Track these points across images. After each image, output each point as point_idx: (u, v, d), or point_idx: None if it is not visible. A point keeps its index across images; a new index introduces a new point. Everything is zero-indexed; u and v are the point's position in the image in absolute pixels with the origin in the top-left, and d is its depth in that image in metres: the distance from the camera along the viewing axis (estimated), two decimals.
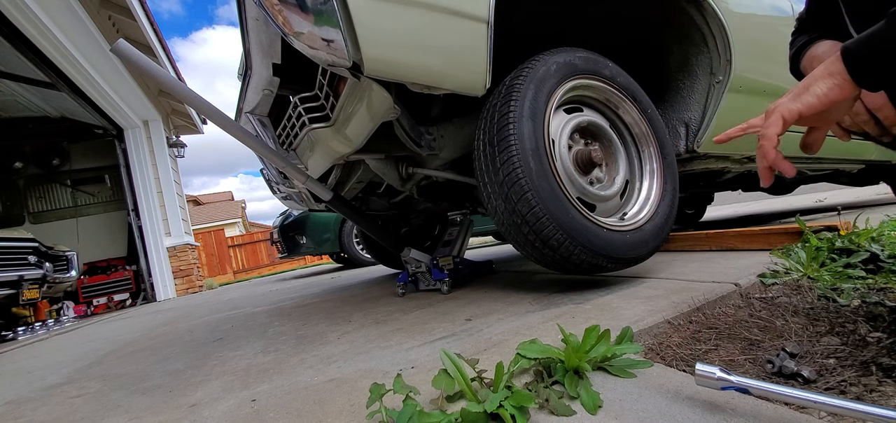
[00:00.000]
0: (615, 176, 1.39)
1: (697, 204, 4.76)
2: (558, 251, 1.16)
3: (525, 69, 1.24)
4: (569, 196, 1.18)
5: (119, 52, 1.12)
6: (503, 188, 1.16)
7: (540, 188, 1.12)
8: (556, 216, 1.13)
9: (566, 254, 1.16)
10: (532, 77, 1.21)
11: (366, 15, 0.93)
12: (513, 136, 1.14)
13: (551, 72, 1.25)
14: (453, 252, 1.92)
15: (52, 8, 3.59)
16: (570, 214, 1.15)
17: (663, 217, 1.36)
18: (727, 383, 0.54)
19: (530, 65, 1.25)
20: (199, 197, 25.15)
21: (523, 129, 1.14)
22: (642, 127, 1.44)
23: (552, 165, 1.18)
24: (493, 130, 1.19)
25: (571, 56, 1.32)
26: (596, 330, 0.72)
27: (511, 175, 1.13)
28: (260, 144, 1.45)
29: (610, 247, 1.20)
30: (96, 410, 0.99)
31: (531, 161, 1.13)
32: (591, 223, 1.19)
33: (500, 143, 1.16)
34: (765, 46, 1.71)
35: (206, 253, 12.40)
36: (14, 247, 3.97)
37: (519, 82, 1.20)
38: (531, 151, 1.14)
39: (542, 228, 1.13)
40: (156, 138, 6.16)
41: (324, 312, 1.83)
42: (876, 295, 0.89)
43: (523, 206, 1.13)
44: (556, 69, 1.26)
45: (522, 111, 1.16)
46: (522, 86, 1.19)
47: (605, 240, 1.20)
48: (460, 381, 0.64)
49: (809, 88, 0.61)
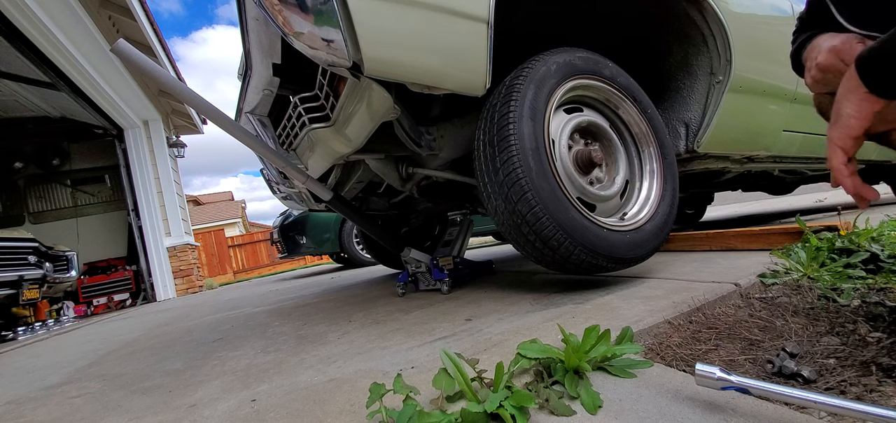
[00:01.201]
0: (615, 176, 1.39)
1: (697, 204, 4.76)
2: (558, 251, 1.16)
3: (525, 69, 1.23)
4: (569, 196, 1.18)
5: (119, 52, 1.12)
6: (503, 188, 1.16)
7: (540, 188, 1.12)
8: (556, 216, 1.13)
9: (566, 254, 1.16)
10: (532, 77, 1.21)
11: (366, 15, 0.93)
12: (513, 136, 1.13)
13: (551, 72, 1.25)
14: (453, 252, 1.92)
15: (52, 8, 3.59)
16: (570, 214, 1.15)
17: (663, 217, 1.36)
18: (727, 383, 0.54)
19: (530, 65, 1.25)
20: (199, 197, 25.15)
21: (523, 129, 1.14)
22: (642, 127, 1.43)
23: (552, 165, 1.17)
24: (492, 130, 1.18)
25: (571, 56, 1.32)
26: (596, 330, 0.72)
27: (511, 175, 1.13)
28: (260, 144, 1.45)
29: (610, 247, 1.20)
30: (96, 410, 0.99)
31: (531, 161, 1.13)
32: (591, 223, 1.19)
33: (500, 143, 1.16)
34: (765, 46, 1.71)
35: (206, 253, 12.40)
36: (14, 247, 3.97)
37: (519, 82, 1.20)
38: (531, 151, 1.13)
39: (542, 228, 1.13)
40: (156, 138, 6.16)
41: (324, 312, 1.83)
42: (876, 295, 0.89)
43: (523, 206, 1.13)
44: (556, 69, 1.26)
45: (522, 111, 1.15)
46: (522, 86, 1.19)
47: (606, 240, 1.20)
48: (460, 381, 0.64)
49: (840, 112, 0.59)
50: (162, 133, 6.25)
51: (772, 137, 1.86)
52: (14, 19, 3.46)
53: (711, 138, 1.63)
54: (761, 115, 1.77)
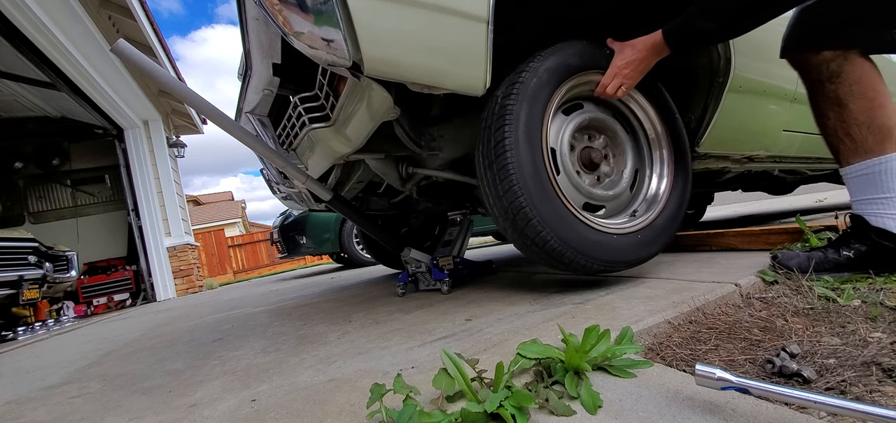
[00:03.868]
0: (623, 170, 1.38)
1: (697, 204, 4.76)
2: (571, 264, 1.19)
3: (516, 85, 1.20)
4: (574, 212, 1.20)
5: (119, 52, 1.11)
6: (509, 214, 1.18)
7: (544, 212, 1.14)
8: (562, 236, 1.16)
9: (578, 265, 1.20)
10: (523, 94, 1.18)
11: (366, 15, 0.93)
12: (511, 164, 1.14)
13: (543, 82, 1.21)
14: (453, 252, 1.92)
15: (52, 8, 3.59)
16: (576, 229, 1.18)
17: (676, 205, 1.37)
18: (727, 383, 0.54)
19: (520, 79, 1.20)
20: (199, 197, 25.16)
21: (521, 155, 1.14)
22: (649, 114, 1.41)
23: (554, 185, 1.18)
24: (491, 155, 1.19)
25: (565, 56, 1.27)
26: (596, 330, 0.72)
27: (514, 204, 1.15)
28: (260, 144, 1.44)
29: (619, 252, 1.23)
30: (96, 410, 0.99)
31: (532, 186, 1.14)
32: (599, 233, 1.22)
33: (499, 172, 1.16)
34: (765, 46, 1.70)
35: (206, 253, 12.40)
36: (14, 247, 3.97)
37: (510, 103, 1.18)
38: (531, 176, 1.14)
39: (551, 248, 1.16)
40: (156, 138, 6.16)
41: (324, 312, 1.83)
42: (876, 295, 0.89)
43: (531, 231, 1.16)
44: (547, 78, 1.22)
45: (517, 137, 1.15)
46: (514, 107, 1.17)
47: (614, 246, 1.23)
48: (460, 381, 0.64)
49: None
50: (162, 133, 6.25)
51: (772, 136, 1.86)
52: (14, 19, 3.46)
53: (711, 138, 1.62)
54: (761, 115, 1.76)
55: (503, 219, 1.22)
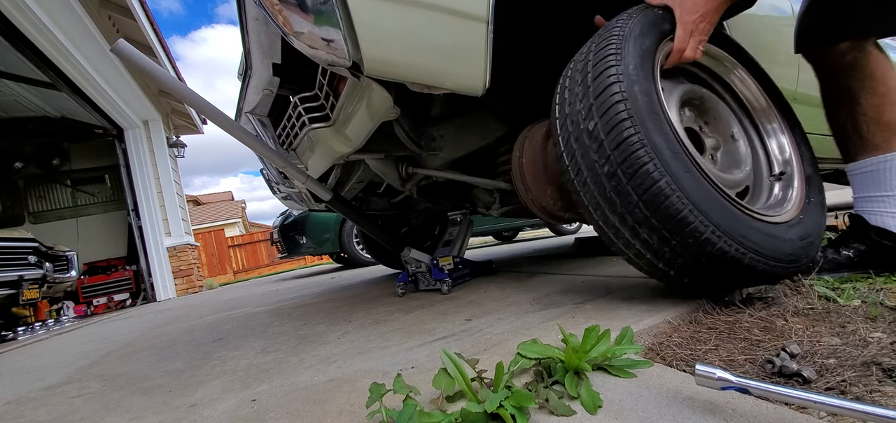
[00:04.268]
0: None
1: None
2: (729, 269, 0.85)
3: (611, 28, 0.98)
4: (720, 189, 0.87)
5: (119, 52, 1.11)
6: (623, 187, 0.83)
7: (680, 179, 0.78)
8: (713, 219, 0.80)
9: (743, 268, 0.86)
10: (630, 32, 0.95)
11: (366, 15, 0.93)
12: (622, 102, 0.81)
13: (646, 26, 0.98)
14: (453, 252, 1.92)
15: (52, 8, 3.59)
16: (730, 211, 0.84)
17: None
18: (727, 383, 0.54)
19: (617, 24, 0.99)
20: (199, 197, 25.16)
21: (634, 89, 0.85)
22: (753, 89, 1.22)
23: (683, 145, 0.87)
24: (588, 96, 0.87)
25: (652, 13, 1.03)
26: (596, 330, 0.72)
27: (631, 160, 0.79)
28: (260, 144, 1.44)
29: (779, 246, 0.92)
30: (96, 410, 0.99)
31: (661, 143, 0.80)
32: (758, 220, 0.90)
33: (605, 114, 0.83)
34: (765, 46, 1.71)
35: (206, 253, 12.39)
36: (14, 247, 3.97)
37: (614, 35, 0.93)
38: (652, 120, 0.82)
39: (697, 240, 0.80)
40: (156, 138, 6.16)
41: (324, 312, 1.83)
42: (876, 295, 0.89)
43: (666, 208, 0.80)
44: (643, 27, 0.98)
45: (627, 69, 0.86)
46: (618, 39, 0.92)
47: (775, 237, 0.92)
48: (460, 381, 0.64)
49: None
50: (162, 133, 6.25)
51: None
52: (14, 19, 3.46)
53: None
54: None
55: (607, 202, 0.89)
